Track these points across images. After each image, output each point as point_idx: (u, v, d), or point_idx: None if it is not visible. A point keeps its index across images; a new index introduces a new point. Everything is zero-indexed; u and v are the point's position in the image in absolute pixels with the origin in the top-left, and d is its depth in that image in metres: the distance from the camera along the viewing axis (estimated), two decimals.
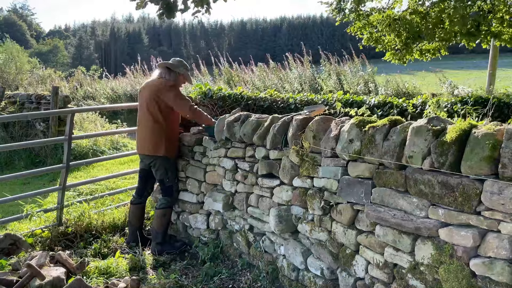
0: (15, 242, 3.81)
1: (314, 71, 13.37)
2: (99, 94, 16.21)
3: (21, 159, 7.99)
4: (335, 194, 2.83)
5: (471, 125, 2.17)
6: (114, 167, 7.70)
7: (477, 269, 2.04)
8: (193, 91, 4.92)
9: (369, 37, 8.44)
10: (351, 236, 2.73)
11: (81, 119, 9.80)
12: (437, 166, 2.19)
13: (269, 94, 5.00)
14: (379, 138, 2.51)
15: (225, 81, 14.22)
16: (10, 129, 8.73)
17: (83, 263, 3.40)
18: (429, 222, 2.25)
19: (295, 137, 3.11)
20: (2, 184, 6.34)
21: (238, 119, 3.73)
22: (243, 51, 38.88)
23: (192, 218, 4.24)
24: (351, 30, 8.63)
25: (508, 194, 1.92)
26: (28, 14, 70.85)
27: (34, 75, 18.92)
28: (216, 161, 3.96)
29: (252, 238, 3.67)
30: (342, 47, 14.15)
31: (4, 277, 3.03)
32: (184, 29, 64.33)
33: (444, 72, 11.81)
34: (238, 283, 3.51)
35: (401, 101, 4.95)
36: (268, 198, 3.45)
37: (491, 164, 1.99)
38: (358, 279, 2.75)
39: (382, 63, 9.39)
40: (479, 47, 8.20)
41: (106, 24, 65.75)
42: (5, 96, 9.72)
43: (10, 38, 23.77)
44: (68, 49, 54.73)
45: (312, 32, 55.95)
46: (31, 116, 7.51)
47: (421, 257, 2.30)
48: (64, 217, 4.43)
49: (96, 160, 5.82)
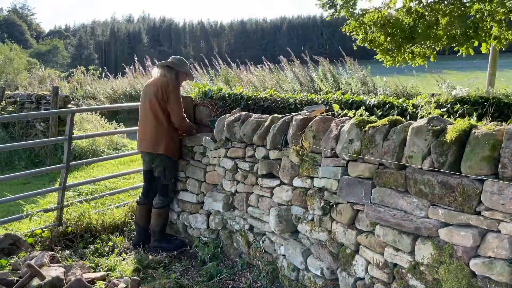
0: (15, 242, 3.81)
1: (312, 72, 13.39)
2: (99, 94, 16.21)
3: (21, 159, 7.98)
4: (335, 194, 2.83)
5: (471, 125, 2.17)
6: (114, 167, 7.70)
7: (477, 269, 2.04)
8: (193, 91, 4.92)
9: (364, 37, 8.39)
10: (351, 236, 2.74)
11: (81, 119, 9.80)
12: (437, 166, 2.19)
13: (269, 94, 5.00)
14: (379, 138, 2.51)
15: (225, 82, 14.23)
16: (10, 129, 8.73)
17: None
18: (429, 222, 2.25)
19: (295, 137, 3.11)
20: (2, 184, 6.33)
21: (238, 119, 3.73)
22: (243, 51, 38.89)
23: (192, 218, 4.24)
24: (346, 30, 8.57)
25: (508, 194, 1.92)
26: (28, 14, 70.83)
27: (34, 75, 18.91)
28: (216, 161, 3.96)
29: (252, 238, 3.67)
30: (342, 47, 14.16)
31: (4, 277, 3.03)
32: (184, 29, 64.39)
33: (443, 72, 11.82)
34: (238, 283, 3.51)
35: (401, 101, 4.95)
36: (268, 198, 3.45)
37: (491, 164, 1.99)
38: (358, 279, 2.75)
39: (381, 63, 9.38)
40: (479, 47, 8.18)
41: (106, 24, 65.79)
42: (5, 96, 9.71)
43: (10, 38, 23.78)
44: (68, 49, 54.72)
45: (312, 32, 56.00)
46: (31, 116, 7.52)
47: (421, 257, 2.30)
48: (64, 217, 4.43)
49: (96, 160, 5.82)
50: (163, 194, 4.23)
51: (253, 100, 4.78)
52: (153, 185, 4.33)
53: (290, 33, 57.30)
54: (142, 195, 4.34)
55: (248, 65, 14.72)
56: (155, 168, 4.16)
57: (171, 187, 4.29)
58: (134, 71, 16.87)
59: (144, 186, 4.39)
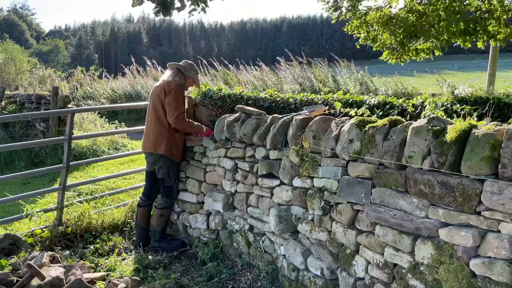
0: (15, 242, 3.81)
1: (311, 73, 13.39)
2: (99, 94, 16.21)
3: (21, 159, 7.98)
4: (335, 194, 2.83)
5: (471, 125, 2.17)
6: (114, 167, 7.70)
7: (477, 269, 2.04)
8: (193, 91, 4.91)
9: (366, 36, 8.42)
10: (351, 236, 2.73)
11: (81, 119, 9.79)
12: (437, 166, 2.19)
13: (269, 94, 4.99)
14: (379, 138, 2.51)
15: (224, 82, 14.23)
16: (10, 129, 8.73)
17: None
18: (429, 222, 2.25)
19: (295, 137, 3.11)
20: (2, 184, 6.33)
21: (238, 119, 3.73)
22: (243, 51, 38.89)
23: (192, 218, 4.24)
24: (348, 29, 8.61)
25: (508, 194, 1.92)
26: (28, 14, 70.81)
27: (34, 75, 18.90)
28: (216, 161, 3.96)
29: (252, 238, 3.67)
30: (343, 47, 14.19)
31: (4, 277, 3.03)
32: (184, 29, 64.32)
33: (443, 72, 11.82)
34: (238, 283, 3.51)
35: (401, 101, 4.95)
36: (268, 198, 3.45)
37: (491, 164, 1.99)
38: (358, 279, 2.75)
39: (381, 63, 9.40)
40: (479, 47, 8.20)
41: (106, 24, 65.71)
42: (5, 96, 9.71)
43: (10, 38, 23.78)
44: (68, 49, 54.70)
45: (312, 32, 55.94)
46: (31, 116, 7.51)
47: (421, 257, 2.30)
48: (64, 217, 4.43)
49: (96, 160, 5.82)
50: (167, 195, 4.23)
51: (253, 100, 4.78)
52: (155, 186, 4.33)
53: (290, 33, 57.24)
54: (144, 195, 4.33)
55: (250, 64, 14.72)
56: (158, 169, 4.14)
57: (175, 188, 4.29)
58: (135, 71, 16.86)
59: (145, 186, 4.38)
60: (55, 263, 3.46)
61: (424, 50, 8.32)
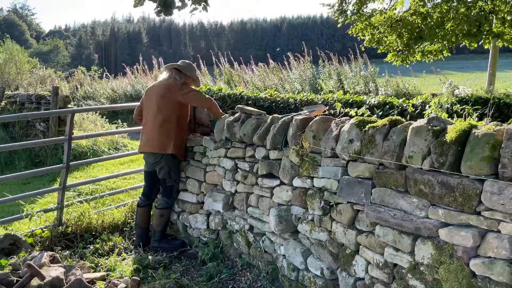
0: (15, 242, 3.81)
1: (314, 71, 13.36)
2: (99, 94, 16.20)
3: (21, 159, 7.98)
4: (335, 194, 2.83)
5: (471, 125, 2.17)
6: (114, 167, 7.70)
7: (477, 269, 2.04)
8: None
9: (370, 38, 8.47)
10: (351, 236, 2.73)
11: (81, 119, 9.80)
12: (437, 166, 2.19)
13: (269, 94, 5.00)
14: (379, 138, 2.51)
15: (225, 81, 14.21)
16: (10, 129, 8.73)
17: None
18: (429, 222, 2.25)
19: (295, 137, 3.11)
20: (2, 184, 6.33)
21: (238, 119, 3.73)
22: (243, 51, 38.90)
23: (192, 218, 4.24)
24: (352, 32, 8.65)
25: (508, 194, 1.92)
26: (28, 14, 70.89)
27: (34, 75, 18.91)
28: (216, 161, 3.96)
29: (252, 238, 3.67)
30: (343, 47, 14.19)
31: (4, 277, 3.03)
32: (184, 29, 64.34)
33: (445, 72, 11.82)
34: (238, 283, 3.51)
35: (401, 101, 4.96)
36: (268, 198, 3.45)
37: (491, 164, 1.99)
38: (358, 279, 2.75)
39: (383, 64, 9.40)
40: (479, 48, 8.23)
41: (106, 24, 65.75)
42: (5, 96, 9.71)
43: (10, 38, 23.76)
44: (68, 49, 54.72)
45: (312, 32, 55.99)
46: (31, 116, 7.51)
47: (421, 257, 2.30)
48: (64, 217, 4.43)
49: (96, 160, 5.81)
50: (167, 195, 4.23)
51: (253, 100, 4.78)
52: (155, 186, 4.33)
53: (290, 33, 57.28)
54: (143, 196, 4.33)
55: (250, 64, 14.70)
56: (160, 170, 4.14)
57: (175, 188, 4.29)
58: (136, 71, 16.85)
59: (145, 187, 4.38)
60: (55, 263, 3.46)
61: (432, 52, 8.37)
